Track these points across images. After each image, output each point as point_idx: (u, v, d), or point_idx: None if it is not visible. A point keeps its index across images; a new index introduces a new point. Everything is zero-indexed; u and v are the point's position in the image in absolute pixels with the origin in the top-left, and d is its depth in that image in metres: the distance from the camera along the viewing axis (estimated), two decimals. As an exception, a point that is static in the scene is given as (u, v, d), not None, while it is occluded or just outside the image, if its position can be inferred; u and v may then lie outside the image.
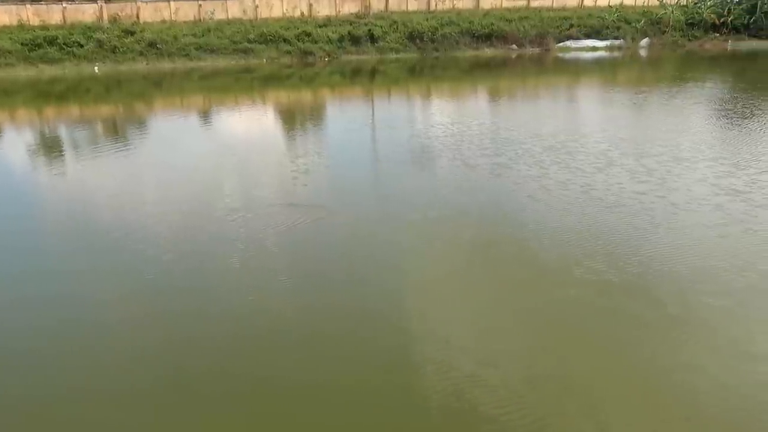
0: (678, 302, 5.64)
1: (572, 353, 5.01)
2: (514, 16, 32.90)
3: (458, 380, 4.61)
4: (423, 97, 20.56)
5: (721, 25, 33.70)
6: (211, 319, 5.71)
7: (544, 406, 4.34)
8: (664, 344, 5.04)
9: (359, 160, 11.63)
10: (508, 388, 4.53)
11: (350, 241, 7.41)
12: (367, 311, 5.75)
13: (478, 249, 7.08)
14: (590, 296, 5.80)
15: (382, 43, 30.15)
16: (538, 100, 18.93)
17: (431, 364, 4.85)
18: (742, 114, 14.31)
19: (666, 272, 6.21)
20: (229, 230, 7.75)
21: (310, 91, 22.67)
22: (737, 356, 4.82)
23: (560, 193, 8.64)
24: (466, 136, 12.49)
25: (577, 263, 6.43)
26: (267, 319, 5.66)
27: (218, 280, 6.48)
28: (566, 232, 7.28)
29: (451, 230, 7.59)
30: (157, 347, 5.30)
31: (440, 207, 8.33)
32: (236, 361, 5.05)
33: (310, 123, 16.41)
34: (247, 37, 28.84)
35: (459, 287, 6.24)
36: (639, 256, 6.53)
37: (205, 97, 21.44)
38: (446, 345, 5.11)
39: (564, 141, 11.71)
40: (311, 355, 5.07)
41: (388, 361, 4.97)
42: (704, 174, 9.34)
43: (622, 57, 30.50)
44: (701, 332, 5.22)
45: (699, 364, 4.75)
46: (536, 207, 8.19)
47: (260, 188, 9.58)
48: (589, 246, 6.86)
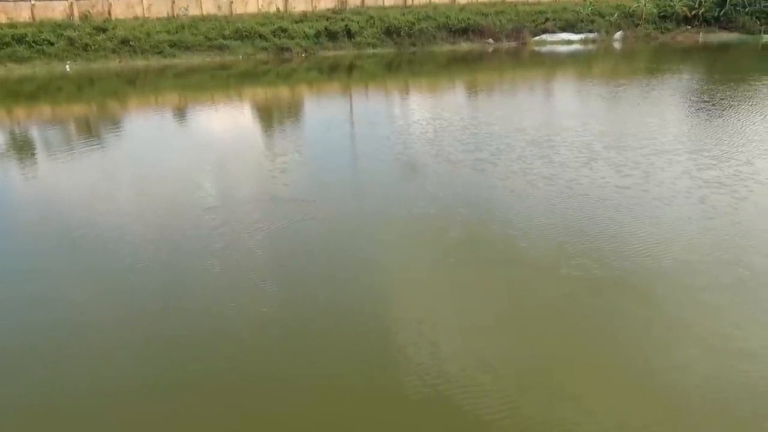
0: (665, 297, 5.72)
1: (560, 349, 5.05)
2: (490, 10, 33.01)
3: (441, 375, 4.63)
4: (402, 93, 20.54)
5: (692, 17, 34.26)
6: (192, 317, 5.65)
7: (527, 400, 4.37)
8: (654, 340, 5.11)
9: (339, 158, 11.55)
10: (492, 382, 4.55)
11: (333, 239, 7.37)
12: (352, 308, 5.74)
13: (464, 246, 7.08)
14: (579, 293, 5.86)
15: (359, 38, 30.02)
16: (518, 94, 19.05)
17: (414, 359, 4.85)
18: (720, 105, 14.55)
19: (652, 267, 6.26)
20: (207, 229, 7.65)
21: (287, 87, 22.50)
22: (727, 351, 4.92)
23: (546, 188, 8.62)
24: (447, 132, 12.50)
25: (562, 259, 6.49)
26: (249, 315, 5.61)
27: (197, 278, 6.40)
28: (551, 228, 7.34)
29: (435, 228, 7.58)
30: (138, 346, 5.23)
31: (424, 204, 8.29)
32: (219, 356, 5.01)
33: (288, 120, 16.29)
34: (222, 34, 28.48)
35: (444, 284, 6.25)
36: (626, 252, 6.59)
37: (181, 95, 21.14)
38: (431, 341, 5.12)
39: (547, 135, 11.77)
40: (296, 351, 5.04)
41: (373, 356, 4.97)
42: (687, 167, 9.38)
43: (596, 50, 30.82)
44: (688, 327, 5.30)
45: (687, 361, 4.83)
46: (521, 203, 8.20)
47: (238, 187, 9.48)
48: (575, 242, 6.93)
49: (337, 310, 5.70)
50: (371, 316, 5.58)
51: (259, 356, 5.06)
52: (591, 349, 5.05)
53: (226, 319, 5.59)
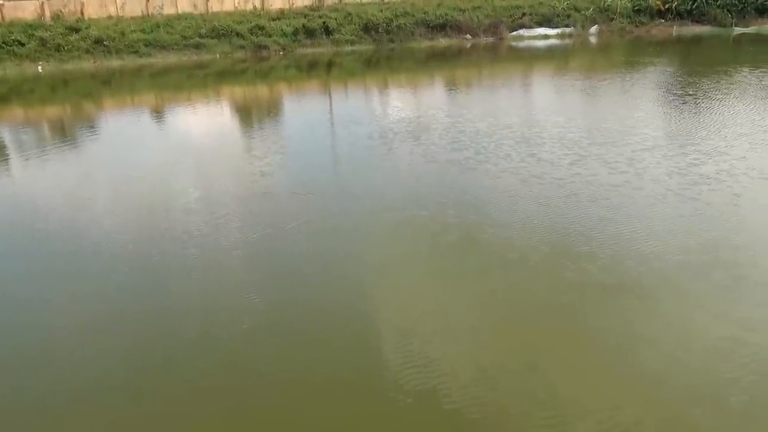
0: (659, 296, 5.82)
1: (550, 349, 5.11)
2: (467, 6, 33.12)
3: (425, 368, 4.65)
4: (382, 90, 20.52)
5: (666, 11, 34.76)
6: (174, 317, 5.60)
7: (509, 394, 4.42)
8: (647, 341, 5.20)
9: (322, 159, 11.37)
10: (473, 375, 4.59)
11: (318, 242, 7.36)
12: (340, 312, 5.74)
13: (455, 248, 7.06)
14: (571, 294, 5.92)
15: (338, 35, 29.92)
16: (500, 90, 19.09)
17: (403, 359, 4.87)
18: (704, 97, 14.68)
19: (652, 270, 6.31)
20: (188, 230, 7.59)
21: (266, 85, 22.34)
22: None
23: (538, 188, 8.54)
24: (432, 131, 12.42)
25: (555, 260, 6.55)
26: (233, 314, 5.58)
27: (179, 279, 6.34)
28: (542, 229, 7.40)
29: (425, 229, 7.56)
30: (119, 348, 5.16)
31: (415, 206, 8.23)
32: (203, 354, 4.97)
33: (268, 119, 16.18)
34: (198, 32, 28.17)
35: (435, 285, 6.27)
36: (618, 252, 6.66)
37: (158, 95, 20.88)
38: (420, 342, 5.14)
39: (536, 132, 11.66)
40: (282, 352, 5.03)
41: (362, 356, 4.98)
42: (677, 163, 9.35)
43: (573, 44, 31.11)
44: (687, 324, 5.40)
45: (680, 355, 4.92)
46: (514, 203, 8.18)
47: (219, 188, 9.40)
48: (566, 242, 6.99)
49: (323, 313, 5.70)
50: (361, 320, 5.59)
51: (244, 357, 5.04)
52: (583, 349, 5.10)
53: (209, 319, 5.56)
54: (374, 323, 5.40)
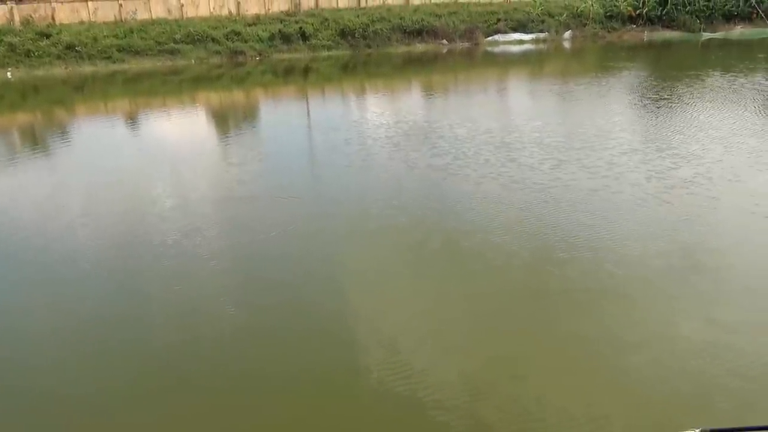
0: (637, 301, 5.88)
1: (525, 349, 5.12)
2: (443, 11, 33.35)
3: (402, 370, 4.63)
4: (360, 95, 20.52)
5: (637, 16, 35.47)
6: (152, 323, 5.49)
7: (484, 391, 4.42)
8: (622, 342, 5.24)
9: (299, 166, 11.18)
10: (451, 376, 4.58)
11: (299, 250, 7.29)
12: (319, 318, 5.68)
13: (438, 254, 7.06)
14: (547, 295, 5.96)
15: (314, 40, 29.84)
16: (478, 95, 19.22)
17: (381, 359, 4.84)
18: (679, 101, 14.96)
19: (630, 276, 6.40)
20: (164, 237, 7.46)
21: (242, 91, 22.16)
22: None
23: (519, 193, 8.56)
24: (412, 136, 12.41)
25: (533, 264, 6.59)
26: (210, 320, 5.48)
27: (156, 284, 6.22)
28: (522, 234, 7.44)
29: (405, 236, 7.55)
30: (97, 353, 5.04)
31: (393, 213, 8.22)
32: (183, 362, 4.88)
33: (245, 126, 16.04)
34: (173, 38, 27.82)
35: (415, 289, 6.26)
36: (600, 256, 6.74)
37: (132, 101, 20.55)
38: (398, 343, 5.11)
39: (516, 138, 11.68)
40: (262, 356, 4.95)
41: (341, 357, 4.93)
42: (655, 167, 9.41)
43: (547, 49, 31.52)
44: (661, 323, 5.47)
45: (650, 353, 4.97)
46: (495, 209, 8.19)
47: (195, 195, 9.27)
48: (547, 247, 7.04)
49: (305, 317, 5.64)
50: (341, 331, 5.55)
51: (223, 361, 4.95)
52: (566, 354, 5.13)
53: (188, 324, 5.46)
54: (357, 329, 5.36)
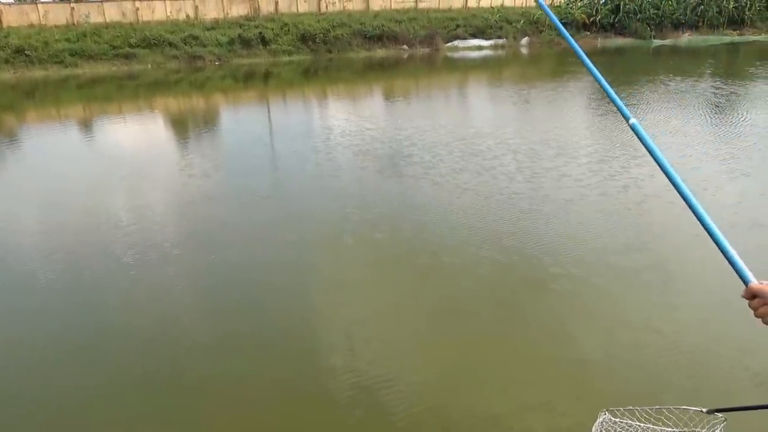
0: (591, 305, 6.03)
1: (485, 350, 5.20)
2: (403, 17, 33.64)
3: (363, 373, 4.64)
4: (322, 100, 20.47)
5: (590, 24, 36.54)
6: (111, 332, 5.35)
7: (447, 393, 4.47)
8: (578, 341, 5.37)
9: (262, 175, 10.85)
10: (414, 376, 4.62)
11: (261, 265, 7.22)
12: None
13: (403, 262, 7.12)
14: (507, 299, 6.05)
15: (274, 45, 29.66)
16: (442, 101, 19.37)
17: (345, 363, 4.84)
18: (643, 107, 15.31)
19: (584, 276, 6.59)
20: (120, 245, 7.28)
21: (201, 96, 21.80)
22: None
23: (495, 203, 8.49)
24: (379, 143, 12.35)
25: (498, 272, 6.68)
26: (171, 328, 5.38)
27: (114, 296, 6.07)
28: (491, 245, 7.54)
29: (380, 248, 7.59)
30: (56, 362, 4.87)
31: (358, 220, 8.30)
32: (143, 370, 4.76)
33: (204, 132, 15.78)
34: (128, 42, 27.22)
35: (382, 298, 6.27)
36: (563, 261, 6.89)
37: (86, 107, 19.98)
38: (363, 346, 5.12)
39: (487, 146, 11.54)
40: (223, 360, 4.89)
41: (305, 361, 4.91)
42: (633, 176, 9.38)
43: (506, 55, 32.13)
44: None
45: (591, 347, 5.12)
46: (475, 219, 8.25)
47: (151, 203, 9.08)
48: (513, 256, 7.15)
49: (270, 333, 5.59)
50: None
51: (186, 367, 4.86)
52: (516, 349, 5.24)
53: (146, 332, 5.34)
54: (324, 338, 5.35)
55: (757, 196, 8.50)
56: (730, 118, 13.85)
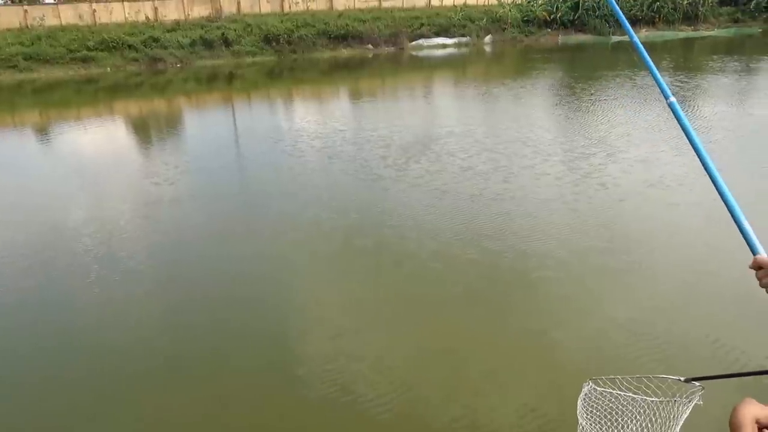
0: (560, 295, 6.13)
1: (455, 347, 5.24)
2: (368, 16, 33.65)
3: (344, 375, 4.64)
4: (288, 101, 20.31)
5: (551, 21, 37.15)
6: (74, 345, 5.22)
7: (422, 385, 4.50)
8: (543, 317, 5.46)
9: (228, 180, 10.60)
10: (388, 371, 4.64)
11: (233, 278, 7.13)
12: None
13: (372, 255, 7.12)
14: (476, 295, 6.11)
15: (238, 46, 29.33)
16: (408, 100, 19.42)
17: (316, 362, 4.83)
18: (613, 102, 15.56)
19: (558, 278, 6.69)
20: (83, 256, 7.10)
21: (164, 100, 21.40)
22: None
23: (479, 206, 8.39)
24: (349, 144, 12.31)
25: (473, 271, 6.73)
26: (132, 341, 5.28)
27: (74, 304, 5.92)
28: (466, 245, 7.59)
29: (348, 245, 7.56)
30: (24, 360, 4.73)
31: (330, 227, 8.24)
32: (103, 382, 4.66)
33: (167, 137, 15.49)
34: (85, 45, 26.56)
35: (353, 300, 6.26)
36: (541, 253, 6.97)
37: (42, 113, 19.40)
38: (333, 345, 5.11)
39: (462, 147, 11.45)
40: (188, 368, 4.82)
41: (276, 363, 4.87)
42: (612, 172, 9.39)
43: (470, 53, 32.42)
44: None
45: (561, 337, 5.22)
46: (432, 211, 8.37)
47: (113, 214, 8.88)
48: (492, 258, 7.21)
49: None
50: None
51: (146, 378, 4.78)
52: (485, 348, 5.30)
53: (111, 342, 5.23)
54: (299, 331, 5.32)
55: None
56: (700, 112, 14.21)
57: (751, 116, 13.89)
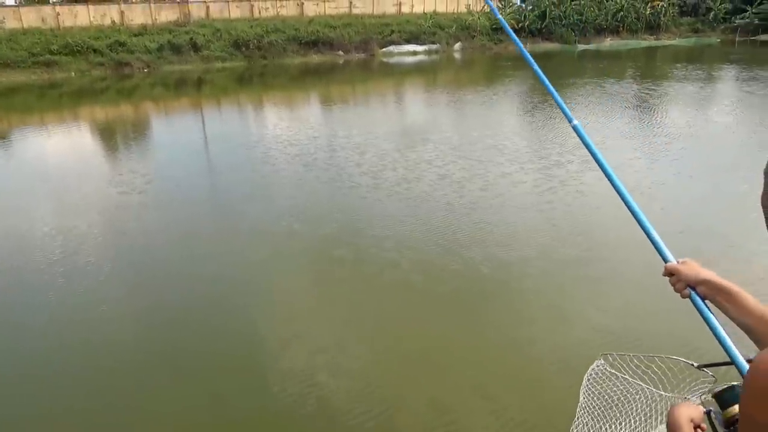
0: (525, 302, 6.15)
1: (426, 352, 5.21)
2: (338, 23, 33.63)
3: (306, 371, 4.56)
4: (258, 108, 20.08)
5: (519, 29, 37.72)
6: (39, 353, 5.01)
7: (388, 391, 4.45)
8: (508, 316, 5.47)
9: (199, 188, 10.32)
10: (354, 372, 4.58)
11: (202, 297, 6.96)
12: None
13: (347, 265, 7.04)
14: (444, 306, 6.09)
15: (207, 51, 28.94)
16: (382, 108, 19.37)
17: (288, 371, 4.73)
18: (586, 110, 15.81)
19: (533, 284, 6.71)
20: (48, 267, 6.85)
21: (130, 105, 20.91)
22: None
23: (457, 216, 8.40)
24: (321, 152, 12.17)
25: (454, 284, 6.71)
26: (100, 347, 5.09)
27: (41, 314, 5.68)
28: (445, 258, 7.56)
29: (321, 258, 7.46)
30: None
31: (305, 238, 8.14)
32: (68, 389, 4.48)
33: (135, 143, 15.12)
34: (49, 49, 25.83)
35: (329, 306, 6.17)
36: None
37: (3, 118, 18.72)
38: (305, 356, 5.02)
39: (438, 153, 11.42)
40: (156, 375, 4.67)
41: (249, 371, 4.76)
42: (581, 179, 9.38)
43: (440, 60, 32.70)
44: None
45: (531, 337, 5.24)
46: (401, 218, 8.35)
47: (78, 224, 8.60)
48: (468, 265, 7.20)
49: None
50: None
51: (118, 385, 4.61)
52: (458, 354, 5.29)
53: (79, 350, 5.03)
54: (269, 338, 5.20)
55: (700, 199, 8.93)
56: (671, 119, 14.58)
57: (715, 123, 14.33)
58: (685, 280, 1.50)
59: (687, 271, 1.50)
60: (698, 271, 1.48)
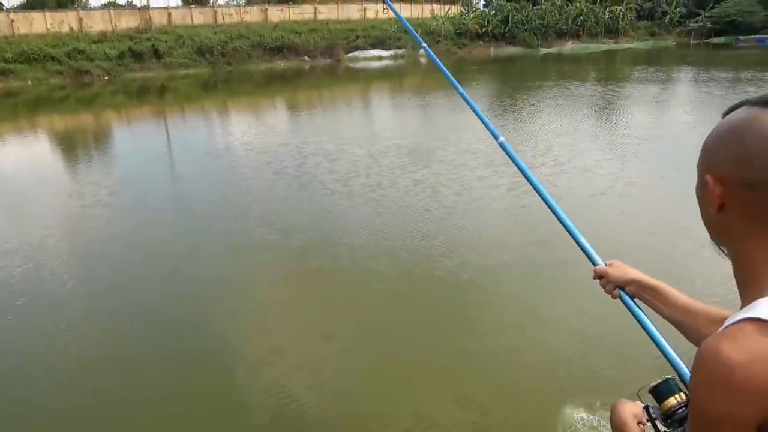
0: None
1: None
2: (303, 28, 33.46)
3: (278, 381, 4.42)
4: (225, 115, 19.75)
5: (483, 34, 38.23)
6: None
7: (362, 398, 4.35)
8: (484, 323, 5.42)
9: (164, 199, 10.00)
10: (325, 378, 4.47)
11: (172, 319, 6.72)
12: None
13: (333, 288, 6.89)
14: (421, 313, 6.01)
15: (169, 58, 28.38)
16: (349, 113, 19.31)
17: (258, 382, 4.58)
18: (552, 110, 16.06)
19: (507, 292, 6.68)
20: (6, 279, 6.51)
21: (90, 114, 20.31)
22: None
23: (437, 222, 8.51)
24: (291, 159, 11.90)
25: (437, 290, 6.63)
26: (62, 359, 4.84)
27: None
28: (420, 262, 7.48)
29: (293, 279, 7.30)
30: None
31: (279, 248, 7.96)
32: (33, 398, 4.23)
33: (96, 153, 14.65)
34: (3, 57, 24.95)
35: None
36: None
37: (-45, 130, 17.95)
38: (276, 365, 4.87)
39: (411, 158, 11.33)
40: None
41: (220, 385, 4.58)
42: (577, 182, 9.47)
43: (406, 65, 32.81)
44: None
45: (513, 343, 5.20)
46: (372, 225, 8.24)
47: (39, 240, 8.24)
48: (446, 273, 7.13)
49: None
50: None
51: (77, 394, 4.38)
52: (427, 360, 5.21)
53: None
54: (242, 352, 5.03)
55: (675, 199, 9.12)
56: (636, 120, 14.88)
57: (678, 123, 14.69)
58: (613, 281, 1.54)
59: (615, 273, 1.54)
60: (626, 272, 1.52)
